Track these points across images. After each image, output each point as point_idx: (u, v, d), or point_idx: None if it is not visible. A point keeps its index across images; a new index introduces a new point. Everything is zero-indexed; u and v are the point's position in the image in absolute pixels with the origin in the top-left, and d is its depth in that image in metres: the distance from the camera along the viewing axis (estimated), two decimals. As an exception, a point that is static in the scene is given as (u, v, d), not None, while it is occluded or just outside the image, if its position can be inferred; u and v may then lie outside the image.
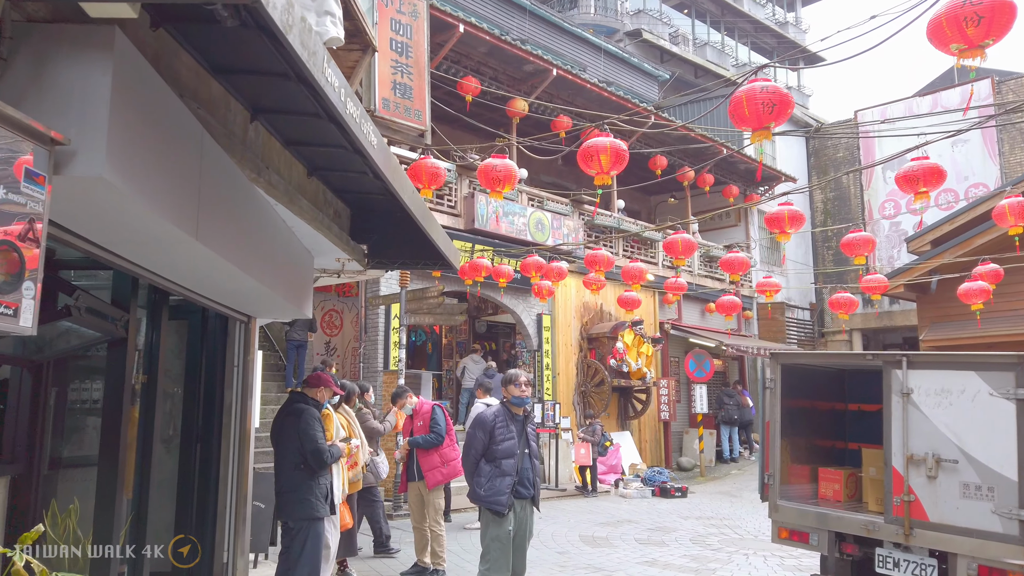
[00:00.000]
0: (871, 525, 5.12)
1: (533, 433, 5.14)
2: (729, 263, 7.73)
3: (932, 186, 5.51)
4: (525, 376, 5.06)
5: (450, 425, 6.63)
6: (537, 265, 9.31)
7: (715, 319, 18.15)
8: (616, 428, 14.99)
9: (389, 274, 11.29)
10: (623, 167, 4.95)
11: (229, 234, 3.87)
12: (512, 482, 4.83)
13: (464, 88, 11.99)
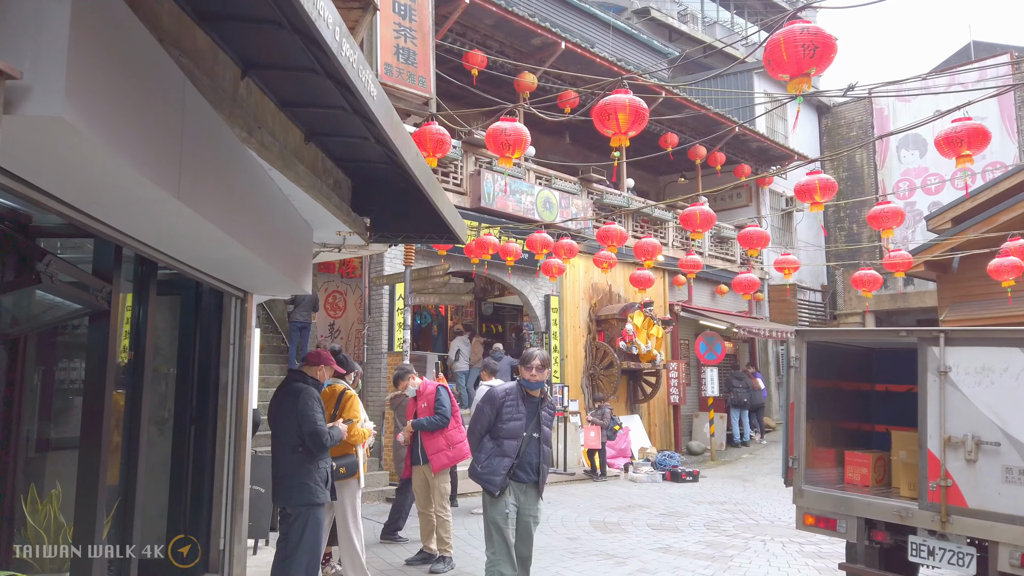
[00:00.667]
0: (905, 511, 4.82)
1: (548, 417, 4.79)
2: (747, 237, 7.40)
3: (976, 148, 5.16)
4: (540, 358, 4.68)
5: (455, 407, 6.34)
6: (545, 242, 8.98)
7: (726, 301, 17.82)
8: (625, 411, 14.72)
9: (393, 253, 11.00)
10: (643, 126, 4.61)
11: (217, 197, 3.57)
12: (511, 464, 4.56)
13: (470, 60, 11.61)
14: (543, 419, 4.71)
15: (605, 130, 4.64)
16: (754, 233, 7.38)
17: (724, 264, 17.85)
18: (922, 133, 20.53)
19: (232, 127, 3.62)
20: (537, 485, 4.70)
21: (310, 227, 5.76)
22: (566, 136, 17.25)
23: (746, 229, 7.50)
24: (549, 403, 4.81)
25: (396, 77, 6.90)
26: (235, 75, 3.70)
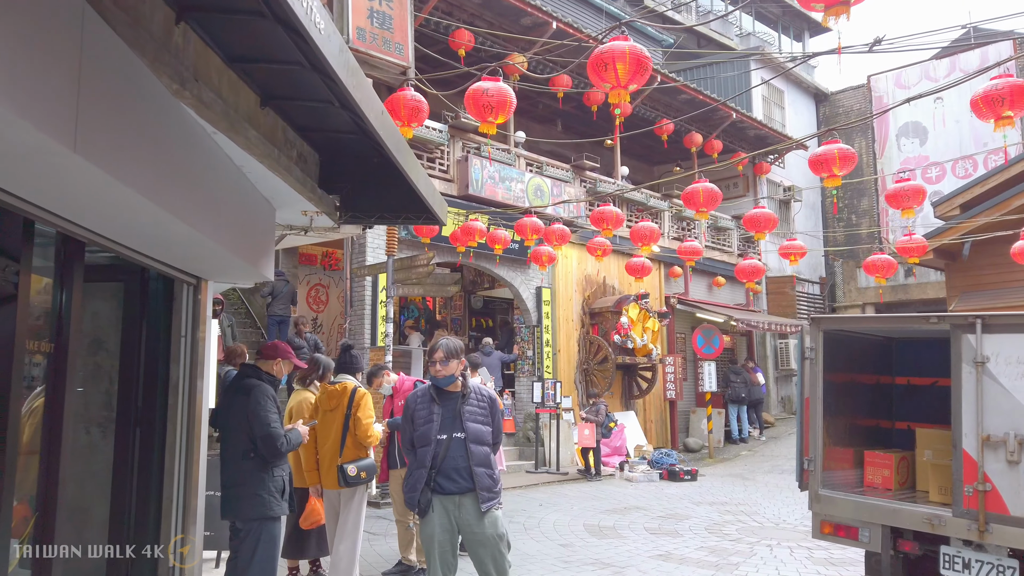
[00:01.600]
0: (936, 519, 4.30)
1: (478, 413, 4.03)
2: (753, 220, 6.86)
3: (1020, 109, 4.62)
4: (445, 348, 4.00)
5: None
6: (535, 227, 8.42)
7: (723, 293, 17.33)
8: (620, 408, 14.20)
9: (376, 243, 10.43)
10: (644, 79, 4.05)
11: (140, 158, 3.01)
12: (426, 474, 3.89)
13: (457, 39, 11.04)
14: (468, 415, 3.99)
15: (602, 84, 4.08)
16: (760, 215, 6.84)
17: (722, 256, 17.34)
18: (923, 121, 20.08)
19: (160, 75, 3.05)
20: (476, 493, 3.91)
21: (271, 206, 5.20)
22: (558, 124, 16.70)
23: (752, 211, 6.97)
24: (479, 396, 4.08)
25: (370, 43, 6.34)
26: (167, 18, 3.11)
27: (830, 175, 5.55)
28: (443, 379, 4.00)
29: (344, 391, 5.16)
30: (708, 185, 6.15)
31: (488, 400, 4.11)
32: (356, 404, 5.12)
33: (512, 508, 8.95)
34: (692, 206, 6.09)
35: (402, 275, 9.11)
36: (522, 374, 13.00)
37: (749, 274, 8.41)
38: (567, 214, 13.00)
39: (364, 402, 5.19)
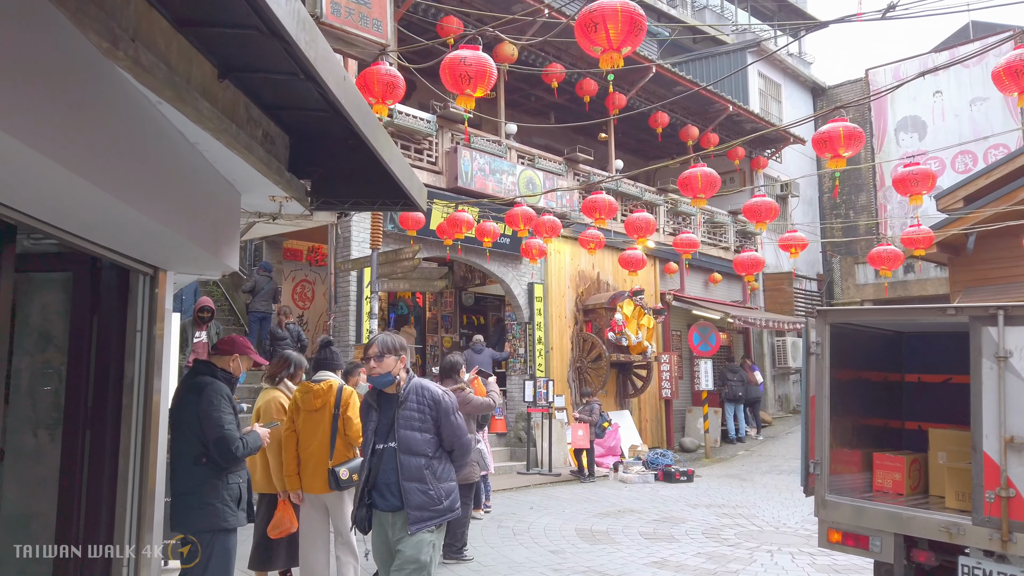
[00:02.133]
0: (954, 528, 3.96)
1: (414, 418, 3.48)
2: (754, 209, 6.50)
3: (1050, 80, 4.26)
4: (380, 343, 3.53)
5: None
6: (527, 217, 8.05)
7: (719, 290, 17.01)
8: (615, 407, 13.87)
9: (361, 236, 10.06)
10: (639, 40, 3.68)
11: (60, 125, 2.64)
12: (363, 487, 3.48)
13: (446, 27, 10.67)
14: (401, 421, 3.45)
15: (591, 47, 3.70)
16: (760, 204, 6.48)
17: (718, 252, 17.01)
18: (921, 115, 19.78)
19: (86, 33, 2.68)
20: (413, 516, 3.36)
21: (236, 190, 4.82)
22: (551, 117, 16.33)
23: (753, 200, 6.61)
24: (419, 398, 3.53)
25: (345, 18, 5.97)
26: (96, -32, 2.75)
27: (835, 155, 5.19)
28: (378, 378, 3.51)
29: (330, 390, 4.82)
30: (706, 170, 5.80)
31: (431, 402, 3.53)
32: (345, 403, 4.79)
33: (502, 511, 8.60)
34: (689, 192, 5.74)
35: (387, 269, 8.75)
36: (514, 372, 12.65)
37: (748, 267, 8.06)
38: (560, 208, 12.65)
39: (353, 400, 4.87)
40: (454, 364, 6.25)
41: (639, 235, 7.43)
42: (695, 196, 5.64)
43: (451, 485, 3.54)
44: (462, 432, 3.63)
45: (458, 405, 6.40)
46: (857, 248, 20.89)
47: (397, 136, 10.61)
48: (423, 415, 3.50)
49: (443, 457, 3.56)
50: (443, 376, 6.32)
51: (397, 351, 3.55)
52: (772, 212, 6.52)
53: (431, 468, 3.45)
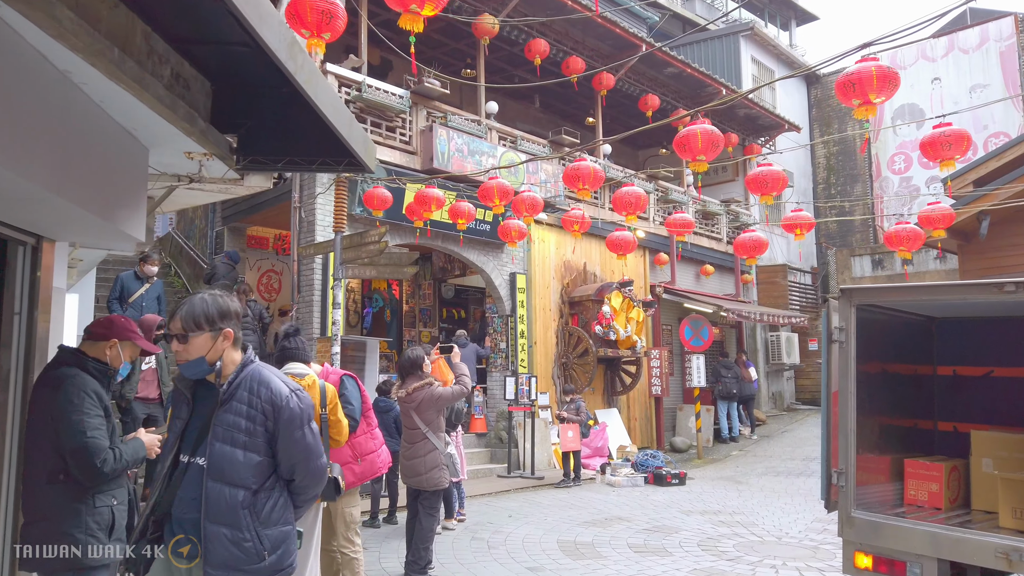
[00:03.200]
0: (1016, 554, 3.21)
1: (240, 423, 2.31)
2: (759, 180, 5.72)
3: None
4: (186, 314, 2.34)
5: (367, 403, 4.67)
6: (502, 191, 7.24)
7: (711, 283, 16.29)
8: (602, 405, 13.12)
9: (325, 220, 9.24)
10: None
11: None
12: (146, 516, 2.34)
13: None
14: (220, 430, 2.31)
15: None
16: (767, 174, 5.71)
17: (711, 243, 16.29)
18: (920, 103, 19.14)
19: None
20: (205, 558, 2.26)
21: (141, 145, 4.02)
22: (535, 100, 15.57)
23: (756, 170, 5.84)
24: (253, 397, 2.35)
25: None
26: None
27: (864, 102, 4.44)
28: (187, 366, 2.34)
29: (312, 387, 4.05)
30: (707, 127, 5.05)
31: (267, 405, 2.34)
32: (331, 403, 4.05)
33: (477, 520, 7.82)
34: (687, 154, 4.97)
35: (351, 254, 7.95)
36: (495, 368, 11.87)
37: (749, 249, 7.32)
38: (544, 194, 11.87)
39: (337, 400, 4.15)
40: (415, 360, 5.47)
41: (628, 212, 6.66)
42: (694, 158, 4.88)
43: (282, 532, 2.35)
44: (312, 454, 2.41)
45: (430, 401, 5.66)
46: (852, 240, 20.25)
47: (367, 112, 9.80)
48: (252, 424, 2.32)
49: (276, 489, 2.37)
50: (404, 375, 5.54)
51: (215, 323, 2.34)
52: (780, 183, 5.77)
53: (253, 507, 2.29)
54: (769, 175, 5.73)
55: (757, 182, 5.79)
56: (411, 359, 5.50)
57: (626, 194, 6.72)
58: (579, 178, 6.19)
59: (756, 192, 5.82)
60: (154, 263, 8.03)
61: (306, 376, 4.06)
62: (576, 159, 5.86)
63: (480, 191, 7.41)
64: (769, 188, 5.71)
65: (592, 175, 6.25)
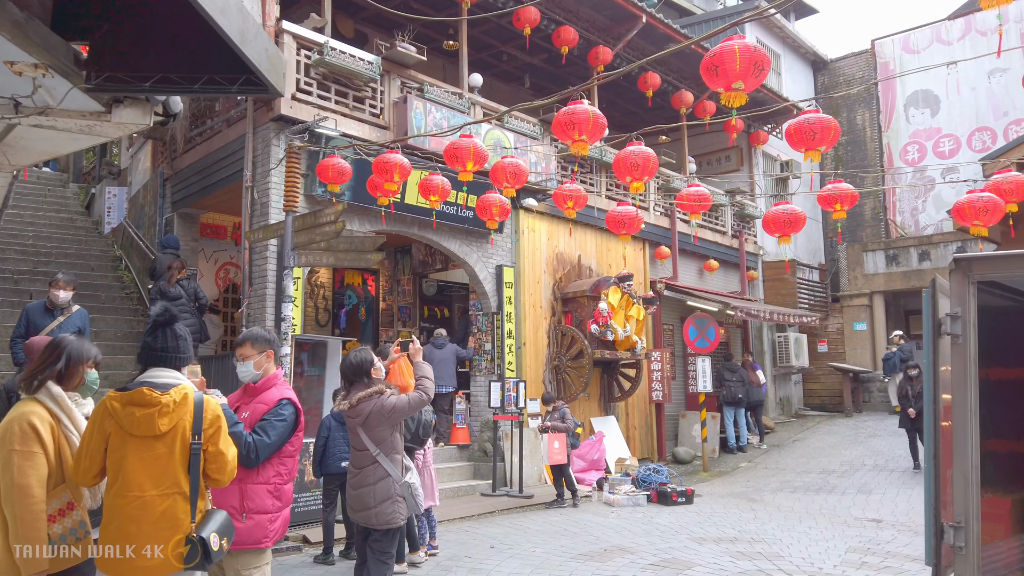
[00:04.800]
0: None
1: None
2: (803, 131, 4.41)
3: None
4: None
5: (300, 431, 3.48)
6: (477, 153, 5.95)
7: (715, 279, 15.11)
8: (599, 412, 11.90)
9: (280, 200, 7.99)
10: None
11: None
12: None
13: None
14: None
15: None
16: (816, 122, 4.45)
17: (714, 236, 15.11)
18: (934, 89, 18.02)
19: None
20: None
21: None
22: (525, 81, 14.36)
23: (802, 117, 4.62)
24: None
25: None
26: None
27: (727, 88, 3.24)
28: None
29: (183, 403, 2.80)
30: (747, 43, 3.81)
31: None
32: (210, 428, 2.80)
33: (453, 552, 6.59)
34: (721, 81, 3.70)
35: (304, 237, 6.71)
36: (479, 372, 10.64)
37: (783, 225, 6.10)
38: (534, 177, 10.66)
39: (221, 424, 2.89)
40: (361, 363, 4.25)
41: (634, 178, 5.43)
42: (729, 88, 3.68)
43: None
44: None
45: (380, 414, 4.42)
46: (863, 235, 19.12)
47: (330, 79, 8.56)
48: None
49: None
50: (348, 382, 4.31)
51: None
52: (830, 133, 4.56)
53: None
54: (817, 123, 4.53)
55: (801, 133, 4.58)
56: (355, 362, 4.27)
57: (631, 154, 5.49)
58: (574, 124, 4.96)
59: (800, 146, 4.62)
60: (66, 286, 6.46)
61: (173, 389, 2.83)
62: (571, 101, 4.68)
63: (447, 152, 6.05)
64: (817, 141, 4.50)
65: (592, 121, 5.00)
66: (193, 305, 8.26)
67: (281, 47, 8.15)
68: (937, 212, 17.95)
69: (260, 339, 3.72)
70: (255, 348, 3.69)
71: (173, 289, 8.03)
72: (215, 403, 2.96)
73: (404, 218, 9.38)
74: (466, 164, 5.78)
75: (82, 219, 14.30)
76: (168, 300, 8.21)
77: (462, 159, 5.80)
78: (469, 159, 5.79)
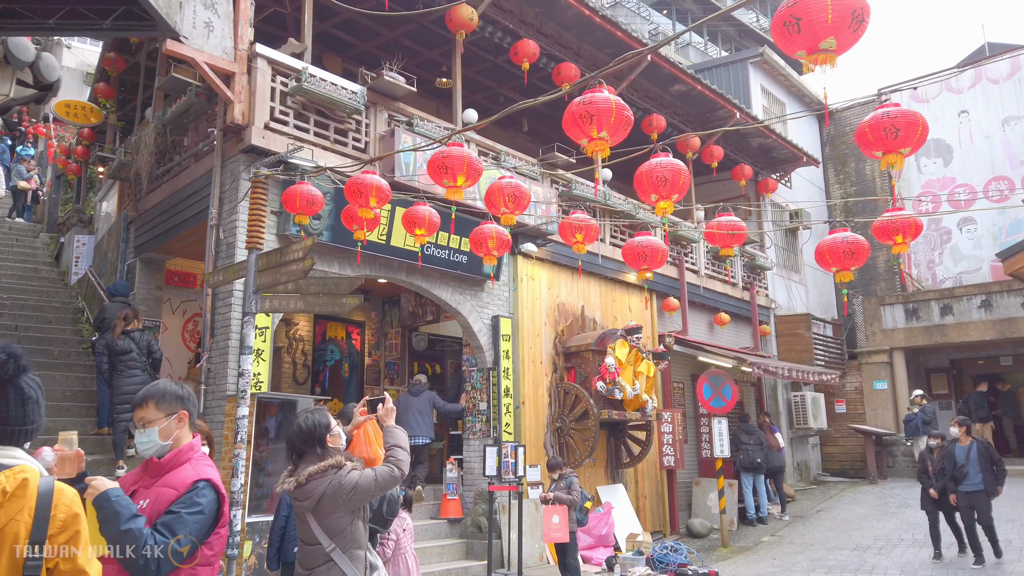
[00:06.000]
0: None
1: None
2: (879, 127, 3.50)
3: None
4: None
5: (223, 523, 2.48)
6: (469, 164, 4.93)
7: (726, 334, 14.13)
8: (605, 479, 10.74)
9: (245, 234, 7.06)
10: None
11: None
12: None
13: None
14: None
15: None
16: (900, 116, 3.57)
17: (724, 287, 14.20)
18: (946, 138, 17.42)
19: None
20: None
21: None
22: (523, 124, 13.67)
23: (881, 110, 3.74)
24: None
25: None
26: None
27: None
28: None
29: (18, 496, 1.79)
30: None
31: None
32: (63, 533, 1.78)
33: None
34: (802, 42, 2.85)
35: (269, 278, 5.75)
36: (472, 435, 9.53)
37: (843, 258, 5.12)
38: (534, 220, 9.80)
39: (80, 528, 1.86)
40: (313, 428, 3.28)
41: (661, 195, 4.50)
42: (813, 49, 2.78)
43: None
44: None
45: (336, 497, 3.34)
46: (877, 289, 18.23)
47: (309, 109, 7.76)
48: None
49: None
50: (297, 453, 3.31)
51: None
52: (921, 129, 3.69)
53: None
54: (901, 118, 3.64)
55: (878, 131, 3.68)
56: (305, 427, 3.28)
57: (657, 168, 4.59)
58: (592, 118, 4.05)
59: (875, 149, 3.72)
60: None
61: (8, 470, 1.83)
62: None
63: (433, 163, 5.00)
64: (900, 140, 3.61)
65: (615, 114, 4.10)
66: (146, 360, 7.26)
67: (255, 73, 7.36)
68: (955, 264, 17.13)
69: (168, 397, 2.72)
70: (160, 409, 2.69)
71: (121, 342, 7.05)
72: (71, 497, 1.94)
73: (390, 262, 8.45)
74: (456, 178, 4.83)
75: (48, 270, 13.38)
76: (116, 355, 7.23)
77: (452, 171, 4.85)
78: (461, 172, 4.84)
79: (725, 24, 31.75)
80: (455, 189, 4.93)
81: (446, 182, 4.90)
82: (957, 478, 8.60)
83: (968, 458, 8.61)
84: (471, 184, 5.10)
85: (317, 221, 7.52)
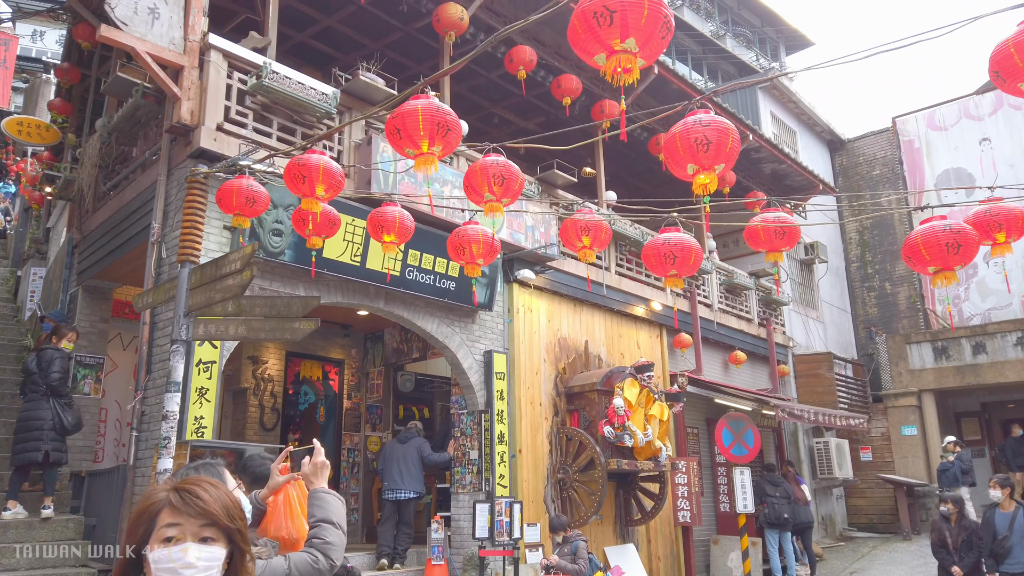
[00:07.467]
0: None
1: None
2: None
3: None
4: None
5: None
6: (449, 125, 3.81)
7: (742, 374, 12.96)
8: (614, 539, 9.44)
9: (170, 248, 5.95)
10: None
11: None
12: None
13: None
14: None
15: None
16: None
17: (739, 323, 13.07)
18: (967, 167, 16.50)
19: None
20: None
21: None
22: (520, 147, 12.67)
23: None
24: None
25: None
26: None
27: None
28: None
29: None
30: None
31: None
32: None
33: None
34: None
35: (202, 296, 4.64)
36: (462, 489, 8.29)
37: (945, 257, 3.97)
38: (532, 244, 8.73)
39: None
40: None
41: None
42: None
43: None
44: None
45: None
46: (899, 327, 17.09)
47: (272, 111, 6.74)
48: None
49: None
50: None
51: None
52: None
53: None
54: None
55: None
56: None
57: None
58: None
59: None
60: None
61: None
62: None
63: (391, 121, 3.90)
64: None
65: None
66: (43, 385, 6.16)
67: (207, 67, 6.37)
68: (983, 300, 16.03)
69: None
70: None
71: (30, 360, 5.98)
72: None
73: (366, 288, 7.34)
74: (421, 144, 3.64)
75: (3, 305, 12.27)
76: (25, 374, 6.19)
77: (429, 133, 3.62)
78: (438, 136, 3.64)
79: (726, 62, 31.39)
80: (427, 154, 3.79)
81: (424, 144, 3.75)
82: (999, 554, 6.97)
83: (1012, 528, 6.99)
84: (447, 152, 3.97)
85: (279, 239, 6.45)
